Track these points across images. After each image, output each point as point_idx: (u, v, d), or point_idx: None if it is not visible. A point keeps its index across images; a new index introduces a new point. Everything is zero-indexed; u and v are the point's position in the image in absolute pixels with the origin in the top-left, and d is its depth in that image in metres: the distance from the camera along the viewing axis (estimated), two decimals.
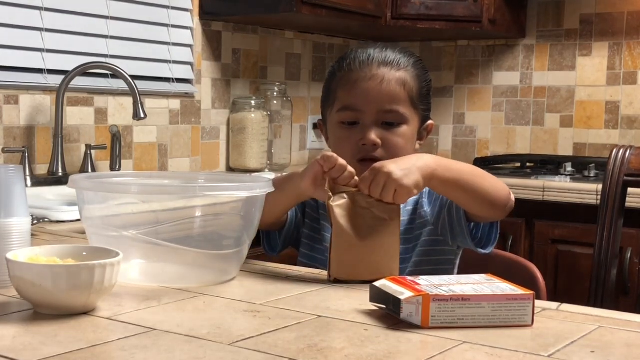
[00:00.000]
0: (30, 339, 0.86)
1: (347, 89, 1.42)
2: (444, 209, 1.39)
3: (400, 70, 1.42)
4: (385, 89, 1.40)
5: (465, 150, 3.55)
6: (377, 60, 1.42)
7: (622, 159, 1.75)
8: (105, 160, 2.51)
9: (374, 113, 1.40)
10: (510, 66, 3.45)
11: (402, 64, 1.42)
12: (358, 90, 1.41)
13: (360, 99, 1.40)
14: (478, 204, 1.29)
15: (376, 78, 1.40)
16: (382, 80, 1.40)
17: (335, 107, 1.45)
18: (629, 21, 3.19)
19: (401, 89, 1.41)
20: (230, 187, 1.19)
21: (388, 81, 1.40)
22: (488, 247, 1.38)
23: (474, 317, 0.94)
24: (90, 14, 2.48)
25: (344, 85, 1.43)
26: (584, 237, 2.56)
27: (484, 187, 1.28)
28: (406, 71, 1.42)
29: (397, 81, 1.41)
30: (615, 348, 0.89)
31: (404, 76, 1.42)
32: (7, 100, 2.26)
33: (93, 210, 1.17)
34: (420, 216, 1.43)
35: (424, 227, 1.43)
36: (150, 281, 1.13)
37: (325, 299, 1.07)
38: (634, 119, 3.19)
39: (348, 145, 1.41)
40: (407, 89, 1.41)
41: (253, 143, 2.91)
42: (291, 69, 3.30)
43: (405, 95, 1.41)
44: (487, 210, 1.31)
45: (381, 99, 1.39)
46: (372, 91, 1.40)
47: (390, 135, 1.40)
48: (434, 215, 1.42)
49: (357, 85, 1.41)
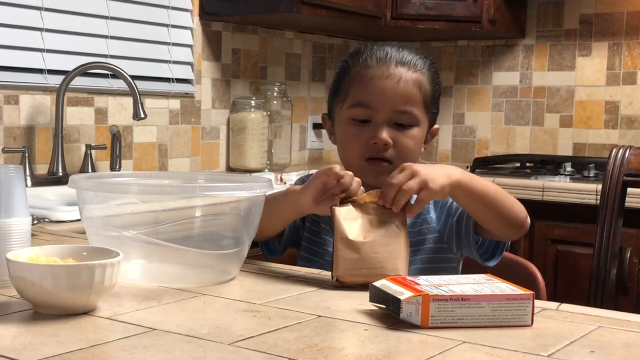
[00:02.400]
0: (31, 338, 0.86)
1: (362, 85, 1.39)
2: (452, 218, 1.38)
3: (417, 71, 1.39)
4: (401, 89, 1.37)
5: (465, 150, 3.56)
6: (394, 59, 1.39)
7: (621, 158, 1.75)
8: (105, 160, 2.51)
9: (388, 112, 1.37)
10: (509, 66, 3.45)
11: (418, 65, 1.40)
12: (374, 87, 1.38)
13: (376, 96, 1.37)
14: (497, 221, 1.29)
15: (393, 77, 1.37)
16: (400, 80, 1.37)
17: (347, 102, 1.41)
18: (628, 21, 3.19)
19: (417, 90, 1.38)
20: (230, 187, 1.19)
21: (405, 81, 1.37)
22: (492, 261, 1.37)
23: (474, 317, 0.94)
24: (90, 14, 2.48)
25: (359, 81, 1.39)
26: (584, 237, 2.57)
27: (505, 206, 1.28)
28: (422, 73, 1.40)
29: (413, 82, 1.38)
30: (614, 348, 0.89)
31: (420, 78, 1.39)
32: (7, 100, 2.26)
33: (93, 210, 1.17)
34: (426, 222, 1.42)
35: (429, 234, 1.42)
36: (150, 281, 1.13)
37: (325, 299, 1.07)
38: (634, 119, 3.19)
39: (357, 143, 1.38)
40: (422, 91, 1.39)
41: (253, 143, 2.91)
42: (291, 69, 3.30)
43: (420, 97, 1.39)
44: (504, 229, 1.31)
45: (397, 98, 1.36)
46: (388, 90, 1.37)
47: (402, 136, 1.38)
48: (440, 222, 1.41)
49: (373, 82, 1.38)
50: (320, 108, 3.45)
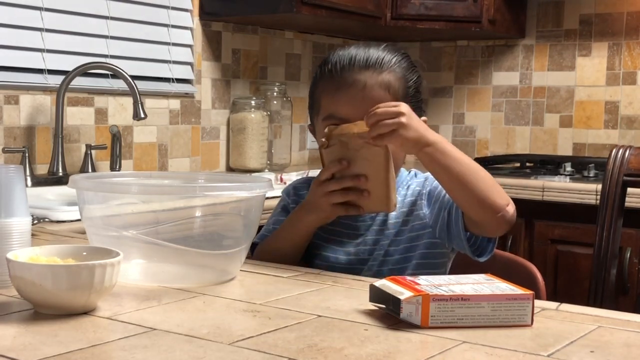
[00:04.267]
0: (31, 338, 0.86)
1: (330, 96, 1.38)
2: (444, 210, 1.38)
3: (384, 72, 1.36)
4: (368, 95, 1.34)
5: (464, 150, 3.53)
6: (358, 63, 1.37)
7: (621, 158, 1.75)
8: (105, 160, 2.51)
9: (359, 119, 1.33)
10: (509, 66, 3.45)
11: (385, 64, 1.37)
12: (340, 98, 1.36)
13: (344, 107, 1.36)
14: (466, 197, 1.26)
15: (358, 84, 1.35)
16: (365, 86, 1.35)
17: (320, 114, 1.41)
18: (628, 21, 3.19)
19: (385, 93, 1.36)
20: (230, 187, 1.19)
21: (370, 87, 1.35)
22: (483, 256, 1.36)
23: (474, 317, 0.94)
24: (90, 14, 2.48)
25: (327, 92, 1.39)
26: (584, 237, 2.57)
27: (478, 184, 1.25)
28: (390, 72, 1.37)
29: (380, 85, 1.36)
30: (614, 348, 0.89)
31: (388, 78, 1.37)
32: (7, 100, 2.26)
33: (93, 210, 1.17)
34: (419, 217, 1.42)
35: (424, 229, 1.42)
36: (150, 281, 1.14)
37: (325, 299, 1.07)
38: (634, 119, 3.20)
39: None
40: (391, 92, 1.36)
41: (253, 143, 2.91)
42: (291, 69, 3.30)
43: (390, 98, 1.35)
44: (475, 208, 1.27)
45: (365, 105, 1.30)
46: (354, 98, 1.35)
47: None
48: (432, 217, 1.41)
49: (339, 92, 1.36)
50: None
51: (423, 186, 1.43)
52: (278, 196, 1.58)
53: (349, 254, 1.43)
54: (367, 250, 1.42)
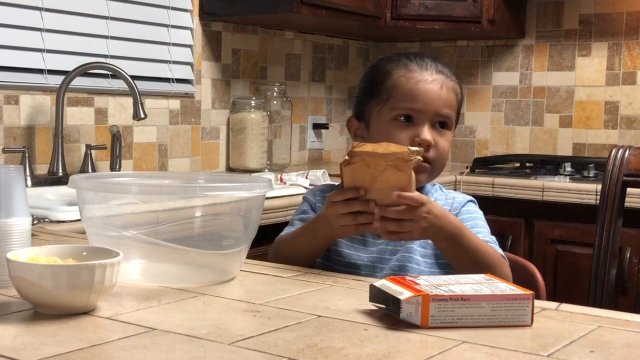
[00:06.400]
0: (31, 338, 0.86)
1: (408, 87, 1.46)
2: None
3: (452, 80, 1.49)
4: (444, 94, 1.46)
5: (464, 150, 3.56)
6: (433, 66, 1.48)
7: (621, 159, 1.75)
8: (105, 160, 2.51)
9: (431, 115, 1.44)
10: (509, 66, 3.46)
11: (450, 73, 1.49)
12: (420, 90, 1.45)
13: (422, 99, 1.45)
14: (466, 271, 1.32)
15: (437, 82, 1.46)
16: (442, 86, 1.46)
17: (389, 104, 1.47)
18: (628, 21, 3.19)
19: (454, 97, 1.48)
20: (230, 187, 1.19)
21: (447, 87, 1.47)
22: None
23: (474, 317, 0.94)
24: (90, 14, 2.48)
25: (404, 83, 1.46)
26: (583, 237, 2.57)
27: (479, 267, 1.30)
28: (455, 82, 1.50)
29: (452, 89, 1.48)
30: (614, 348, 0.89)
31: (455, 86, 1.49)
32: (7, 100, 2.26)
33: (93, 210, 1.17)
34: None
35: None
36: (150, 281, 1.14)
37: (325, 299, 1.07)
38: (633, 119, 3.20)
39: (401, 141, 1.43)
40: (457, 99, 1.50)
41: (253, 143, 2.91)
42: (291, 69, 3.30)
43: (456, 103, 1.49)
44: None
45: (440, 102, 1.45)
46: (433, 93, 1.45)
47: (440, 139, 1.46)
48: None
49: (419, 85, 1.45)
50: (320, 108, 3.45)
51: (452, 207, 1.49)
52: (278, 196, 1.58)
53: (371, 252, 1.45)
54: (390, 250, 1.45)
